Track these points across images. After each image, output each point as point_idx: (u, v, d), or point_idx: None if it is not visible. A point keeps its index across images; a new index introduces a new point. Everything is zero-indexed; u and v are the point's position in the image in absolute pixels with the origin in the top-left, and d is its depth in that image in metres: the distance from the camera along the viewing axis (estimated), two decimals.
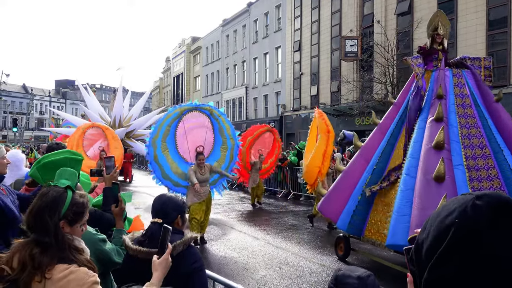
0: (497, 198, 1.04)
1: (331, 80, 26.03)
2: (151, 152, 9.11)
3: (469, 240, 1.00)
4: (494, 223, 1.00)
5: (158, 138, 9.17)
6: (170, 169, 9.17)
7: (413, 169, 6.34)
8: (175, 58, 56.04)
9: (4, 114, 64.09)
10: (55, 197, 2.03)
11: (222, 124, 9.67)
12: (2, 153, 3.35)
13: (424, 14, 19.67)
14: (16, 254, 1.91)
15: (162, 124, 9.16)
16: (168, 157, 9.25)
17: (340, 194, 7.34)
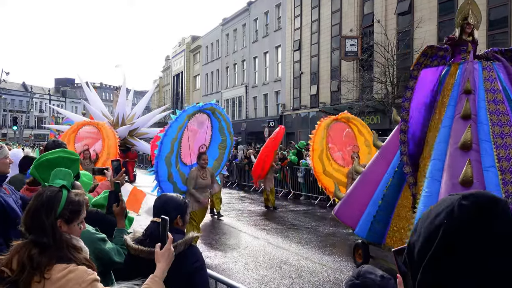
0: (483, 197, 1.06)
1: (331, 79, 26.03)
2: (164, 172, 8.15)
3: (457, 240, 1.02)
4: (481, 222, 1.01)
5: (173, 154, 8.33)
6: (181, 182, 8.54)
7: (438, 172, 5.76)
8: (175, 57, 56.03)
9: (4, 112, 64.03)
10: (50, 197, 2.04)
11: (223, 123, 9.50)
12: (5, 153, 3.35)
13: (425, 13, 19.69)
14: (15, 255, 1.91)
15: (175, 139, 8.27)
16: (180, 172, 8.63)
17: (359, 198, 6.74)
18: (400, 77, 19.49)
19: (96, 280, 1.92)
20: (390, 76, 19.52)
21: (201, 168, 8.12)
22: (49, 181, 2.31)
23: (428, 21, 19.44)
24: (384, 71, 19.65)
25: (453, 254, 1.02)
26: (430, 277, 1.04)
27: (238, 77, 38.61)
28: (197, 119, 9.31)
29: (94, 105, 22.34)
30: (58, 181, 2.21)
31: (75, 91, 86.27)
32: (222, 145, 9.70)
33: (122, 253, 2.74)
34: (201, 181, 8.02)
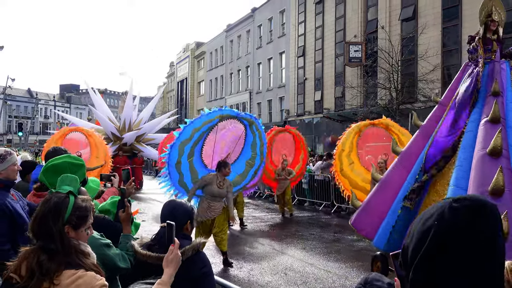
0: (473, 200, 1.11)
1: (335, 85, 26.05)
2: (174, 156, 7.88)
3: (447, 241, 1.07)
4: (471, 224, 1.06)
5: (189, 143, 7.98)
6: (190, 178, 8.17)
7: (463, 180, 5.30)
8: (179, 63, 56.25)
9: (9, 119, 64.38)
10: (57, 203, 2.05)
11: (257, 139, 8.97)
12: (14, 160, 3.38)
13: (429, 19, 19.70)
14: (23, 262, 1.92)
15: (198, 128, 7.93)
16: (192, 165, 8.23)
17: (377, 207, 6.32)
18: (405, 83, 19.48)
19: (105, 285, 1.93)
20: (395, 82, 19.52)
21: (221, 176, 7.65)
22: (56, 187, 2.33)
23: (432, 27, 19.45)
24: (389, 77, 19.65)
25: (443, 253, 1.07)
26: (421, 276, 1.10)
27: (242, 83, 38.69)
28: (233, 124, 8.83)
29: (101, 111, 22.09)
30: (64, 187, 2.23)
31: (80, 97, 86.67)
32: (250, 162, 9.07)
33: (127, 258, 2.74)
34: (215, 189, 7.56)
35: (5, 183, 3.23)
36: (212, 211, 7.61)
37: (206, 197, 7.66)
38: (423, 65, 19.08)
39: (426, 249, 1.09)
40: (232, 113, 8.44)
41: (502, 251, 1.09)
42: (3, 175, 3.24)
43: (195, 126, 7.86)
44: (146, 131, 22.36)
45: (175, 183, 8.16)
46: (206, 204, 7.61)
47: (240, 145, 9.01)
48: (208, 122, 7.98)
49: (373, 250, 8.70)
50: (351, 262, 7.91)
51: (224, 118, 8.28)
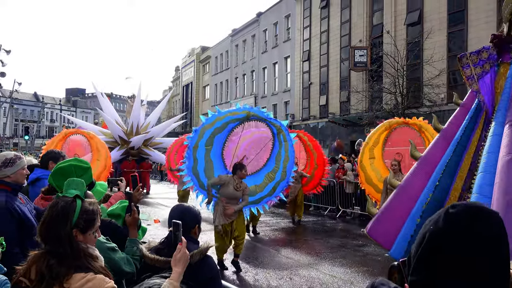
0: (469, 205, 1.16)
1: (340, 90, 26.05)
2: (194, 139, 7.82)
3: (442, 244, 1.12)
4: (465, 228, 1.11)
5: (210, 129, 7.87)
6: (203, 167, 7.95)
7: (487, 187, 4.99)
8: (184, 68, 56.44)
9: (15, 122, 64.78)
10: (64, 207, 2.06)
11: (283, 151, 8.40)
12: (23, 164, 3.41)
13: (434, 24, 19.70)
14: (32, 265, 1.94)
15: (223, 117, 7.80)
16: (207, 154, 8.02)
17: (395, 215, 6.00)
18: (410, 88, 19.46)
19: (114, 287, 1.95)
20: (400, 86, 19.50)
21: (238, 179, 7.44)
22: (63, 191, 2.35)
23: (437, 31, 19.44)
24: (394, 82, 19.64)
25: (438, 256, 1.12)
26: (418, 278, 1.15)
27: (248, 88, 38.75)
28: (261, 129, 8.50)
29: (108, 114, 21.85)
30: (71, 191, 2.24)
31: (86, 101, 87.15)
32: (270, 175, 8.50)
33: (132, 263, 2.75)
34: (232, 191, 7.38)
35: (13, 187, 3.26)
36: (229, 216, 7.45)
37: (221, 199, 7.46)
38: (428, 69, 19.06)
39: (421, 252, 1.15)
40: (261, 114, 7.98)
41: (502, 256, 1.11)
42: (12, 179, 3.27)
43: (220, 115, 7.77)
44: (154, 135, 22.12)
45: (189, 170, 7.92)
46: (221, 208, 7.41)
47: (267, 154, 8.52)
48: (232, 114, 7.72)
49: (378, 255, 8.71)
50: (357, 267, 7.89)
51: (251, 116, 7.90)
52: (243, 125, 8.09)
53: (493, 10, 17.58)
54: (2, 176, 3.23)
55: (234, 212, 7.42)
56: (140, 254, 2.69)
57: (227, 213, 7.38)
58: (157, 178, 29.86)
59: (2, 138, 44.17)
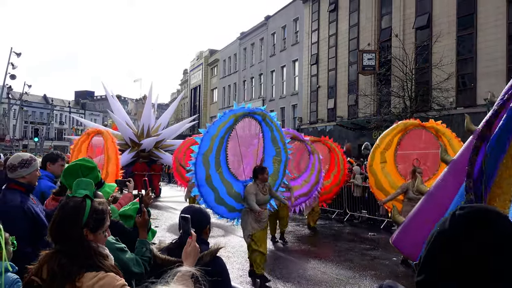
0: (476, 208, 1.18)
1: (349, 93, 26.01)
2: (201, 173, 7.15)
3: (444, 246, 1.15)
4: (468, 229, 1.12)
5: (212, 153, 7.30)
6: (225, 191, 7.44)
7: None
8: (192, 71, 56.66)
9: (25, 124, 65.31)
10: (74, 207, 2.10)
11: (275, 132, 8.17)
12: (37, 166, 3.47)
13: (443, 28, 19.62)
14: (44, 265, 1.96)
15: (215, 136, 7.33)
16: (222, 177, 7.50)
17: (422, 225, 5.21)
18: (419, 92, 19.39)
19: (125, 285, 1.98)
20: (408, 90, 19.44)
21: (261, 183, 7.18)
22: (72, 192, 2.39)
23: (446, 35, 19.37)
24: (402, 85, 19.58)
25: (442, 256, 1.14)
26: (423, 277, 1.18)
27: (256, 91, 38.81)
28: (249, 125, 8.20)
29: (119, 115, 21.36)
30: (80, 191, 2.27)
31: (95, 104, 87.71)
32: (277, 158, 8.30)
33: (141, 263, 2.76)
34: (262, 196, 7.13)
35: (27, 188, 3.32)
36: (261, 220, 7.15)
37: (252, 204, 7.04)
38: (437, 73, 18.98)
39: (427, 252, 1.18)
40: (243, 110, 7.75)
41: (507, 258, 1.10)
42: (26, 180, 3.33)
43: (212, 133, 7.31)
44: (165, 137, 21.74)
45: (212, 204, 7.33)
46: (252, 216, 7.08)
47: (261, 144, 8.28)
48: (223, 126, 7.42)
49: (386, 259, 8.68)
50: (364, 271, 7.87)
51: (238, 117, 7.64)
52: (235, 130, 7.82)
53: (502, 14, 17.49)
54: (17, 177, 3.28)
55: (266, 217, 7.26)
56: (149, 255, 2.71)
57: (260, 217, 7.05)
58: (165, 180, 29.95)
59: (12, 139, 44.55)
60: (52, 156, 4.53)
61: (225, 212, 7.51)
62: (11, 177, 3.28)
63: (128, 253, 2.79)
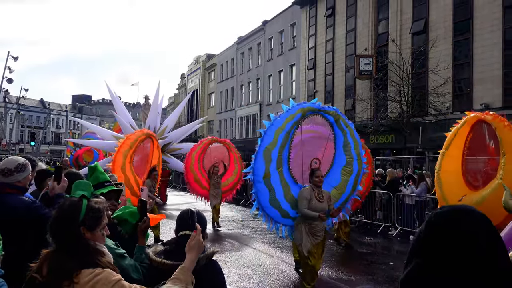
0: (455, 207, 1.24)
1: (346, 98, 26.08)
2: (261, 168, 6.47)
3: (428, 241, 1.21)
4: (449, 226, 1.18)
5: (275, 148, 6.56)
6: (282, 193, 6.64)
7: None
8: (190, 75, 56.72)
9: (21, 128, 65.22)
10: (71, 206, 2.17)
11: (349, 137, 7.22)
12: (30, 170, 3.50)
13: (440, 33, 19.74)
14: (44, 263, 2.03)
15: (281, 129, 6.60)
16: (282, 177, 6.73)
17: None
18: (415, 96, 19.46)
19: (121, 279, 2.03)
20: (405, 95, 19.51)
21: (316, 187, 6.34)
22: (71, 193, 2.44)
23: (443, 40, 19.47)
24: (399, 90, 19.66)
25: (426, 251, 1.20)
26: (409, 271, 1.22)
27: (253, 95, 38.88)
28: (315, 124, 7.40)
29: (123, 117, 19.96)
30: (78, 192, 2.35)
31: (92, 108, 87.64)
32: (347, 169, 7.30)
33: (140, 270, 2.80)
34: (317, 204, 6.23)
35: (23, 191, 3.34)
36: (316, 233, 6.33)
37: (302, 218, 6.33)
38: (434, 78, 19.07)
39: (412, 248, 1.24)
40: (312, 105, 6.98)
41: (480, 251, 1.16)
42: (22, 184, 3.34)
43: (277, 125, 6.61)
44: (172, 140, 20.61)
45: (265, 204, 6.62)
46: (306, 228, 6.30)
47: (331, 149, 7.32)
48: (290, 119, 6.68)
49: (383, 264, 8.68)
50: (361, 275, 7.88)
51: (305, 112, 6.90)
52: (300, 126, 7.03)
53: (498, 19, 17.60)
54: (13, 181, 3.29)
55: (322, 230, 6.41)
56: (148, 261, 2.73)
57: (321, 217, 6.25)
58: (177, 188, 27.58)
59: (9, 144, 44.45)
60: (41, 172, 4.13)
61: (278, 216, 6.77)
62: (6, 182, 3.27)
63: (128, 259, 2.83)
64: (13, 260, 2.72)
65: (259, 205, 6.71)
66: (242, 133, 39.69)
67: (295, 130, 6.94)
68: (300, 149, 7.08)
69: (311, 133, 7.42)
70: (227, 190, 14.43)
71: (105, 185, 3.50)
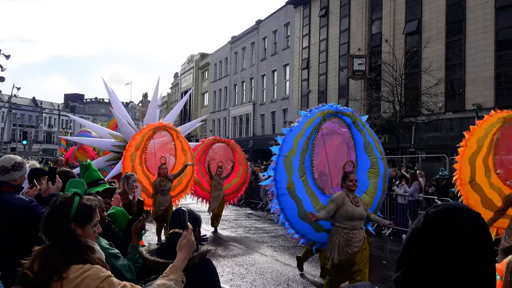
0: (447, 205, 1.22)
1: (339, 98, 26.15)
2: (283, 179, 5.97)
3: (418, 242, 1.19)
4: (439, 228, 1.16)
5: (295, 155, 6.13)
6: (311, 203, 6.06)
7: None
8: (183, 74, 56.61)
9: (13, 127, 64.70)
10: (62, 202, 2.19)
11: (369, 137, 6.87)
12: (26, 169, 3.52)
13: (433, 34, 19.84)
14: (36, 259, 2.04)
15: (300, 136, 6.19)
16: (307, 186, 6.23)
17: None
18: (408, 96, 19.55)
19: (110, 276, 2.03)
20: (398, 95, 19.60)
21: (350, 192, 5.68)
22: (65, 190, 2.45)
23: (436, 41, 19.58)
24: (392, 90, 19.74)
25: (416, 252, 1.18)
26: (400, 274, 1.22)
27: (246, 95, 38.88)
28: (334, 127, 6.99)
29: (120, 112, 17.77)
30: (71, 189, 2.38)
31: (84, 107, 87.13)
32: (373, 170, 6.85)
33: (133, 270, 2.80)
34: (354, 208, 5.52)
35: (18, 190, 3.34)
36: (353, 244, 5.55)
37: (339, 227, 5.60)
38: (426, 78, 19.17)
39: (403, 249, 1.23)
40: (331, 108, 6.57)
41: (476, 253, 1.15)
42: (17, 182, 3.34)
43: (296, 132, 6.21)
44: None
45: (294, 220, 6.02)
46: (342, 237, 5.54)
47: (353, 153, 6.93)
48: (309, 124, 6.28)
49: (378, 262, 8.70)
50: None
51: (325, 115, 6.50)
52: (320, 131, 6.64)
53: (490, 20, 17.72)
54: (9, 179, 3.28)
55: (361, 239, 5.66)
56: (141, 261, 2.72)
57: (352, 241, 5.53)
58: None
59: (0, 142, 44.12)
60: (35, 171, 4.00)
61: (311, 233, 6.10)
62: (2, 180, 3.26)
63: (121, 259, 2.82)
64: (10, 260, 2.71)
65: (287, 222, 6.05)
66: (235, 132, 39.69)
67: (315, 136, 6.54)
68: (323, 155, 6.60)
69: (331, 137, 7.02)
70: (231, 193, 13.82)
71: (99, 183, 3.50)
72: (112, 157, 13.30)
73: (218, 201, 12.37)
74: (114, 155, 13.27)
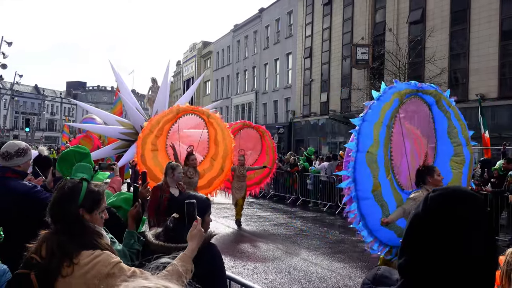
0: (447, 189, 1.22)
1: (342, 87, 26.06)
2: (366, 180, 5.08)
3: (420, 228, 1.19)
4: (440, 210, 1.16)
5: (379, 149, 5.20)
6: (395, 206, 5.27)
7: None
8: (186, 62, 56.41)
9: (16, 114, 64.80)
10: (71, 188, 2.19)
11: (454, 120, 5.99)
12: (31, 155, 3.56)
13: (437, 23, 19.69)
14: (43, 243, 2.04)
15: (379, 123, 5.26)
16: (393, 185, 5.38)
17: None
18: None
19: (120, 261, 2.06)
20: None
21: None
22: (72, 175, 2.46)
23: (440, 30, 19.44)
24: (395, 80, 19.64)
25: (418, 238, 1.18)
26: (403, 260, 1.22)
27: (249, 83, 38.76)
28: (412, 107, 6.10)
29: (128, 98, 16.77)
30: (78, 174, 2.38)
31: (86, 95, 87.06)
32: (457, 158, 6.04)
33: (128, 256, 2.76)
34: None
35: (22, 176, 3.36)
36: None
37: None
38: (430, 68, 19.07)
39: (405, 236, 1.22)
40: (409, 86, 5.75)
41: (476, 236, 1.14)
42: (21, 168, 3.37)
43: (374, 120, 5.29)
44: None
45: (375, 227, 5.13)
46: None
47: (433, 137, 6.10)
48: (386, 108, 5.39)
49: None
50: (355, 262, 7.95)
51: (403, 97, 5.64)
52: (398, 115, 5.71)
53: (495, 10, 17.57)
54: (13, 165, 3.30)
55: None
56: (137, 247, 2.74)
57: None
58: None
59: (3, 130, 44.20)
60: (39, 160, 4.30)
61: (393, 238, 5.24)
62: (6, 166, 3.28)
63: (117, 244, 2.79)
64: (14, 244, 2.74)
65: (366, 230, 5.25)
66: (237, 121, 39.55)
67: (393, 123, 5.55)
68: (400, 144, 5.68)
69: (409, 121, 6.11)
70: (254, 184, 12.93)
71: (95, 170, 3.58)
72: (120, 145, 12.92)
73: (243, 192, 11.46)
74: (122, 143, 12.92)
